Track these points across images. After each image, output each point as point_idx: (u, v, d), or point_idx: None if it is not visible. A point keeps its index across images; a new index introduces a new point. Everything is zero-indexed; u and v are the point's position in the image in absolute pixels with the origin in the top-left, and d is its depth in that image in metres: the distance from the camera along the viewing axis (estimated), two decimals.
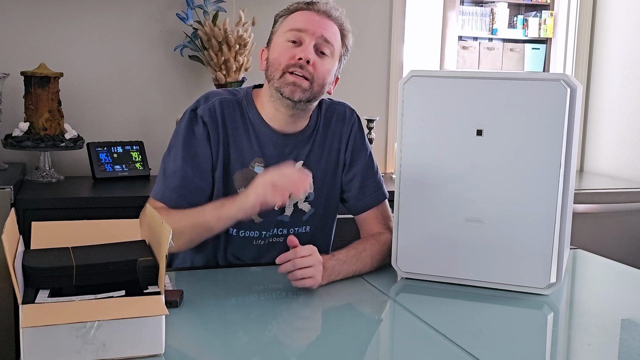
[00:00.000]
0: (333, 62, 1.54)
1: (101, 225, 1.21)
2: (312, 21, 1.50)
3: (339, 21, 1.55)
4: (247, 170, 1.55)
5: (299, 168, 1.44)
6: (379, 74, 2.98)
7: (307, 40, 1.49)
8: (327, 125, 1.62)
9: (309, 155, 1.60)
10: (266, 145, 1.56)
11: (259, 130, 1.56)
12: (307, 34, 1.49)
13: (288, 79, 1.49)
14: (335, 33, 1.54)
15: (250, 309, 1.31)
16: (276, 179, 1.34)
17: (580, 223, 2.55)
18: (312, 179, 1.59)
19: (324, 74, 1.51)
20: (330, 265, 1.42)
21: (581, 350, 1.19)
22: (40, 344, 0.97)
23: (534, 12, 5.09)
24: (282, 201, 1.34)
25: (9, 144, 2.29)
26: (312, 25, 1.50)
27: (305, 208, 1.62)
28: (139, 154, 2.53)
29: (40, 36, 2.52)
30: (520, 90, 1.34)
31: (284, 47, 1.51)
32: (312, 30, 1.50)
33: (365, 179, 1.63)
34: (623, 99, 3.13)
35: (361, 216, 1.64)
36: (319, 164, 1.61)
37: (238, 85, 2.56)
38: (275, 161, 1.54)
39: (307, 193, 1.58)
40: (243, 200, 1.39)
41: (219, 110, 1.54)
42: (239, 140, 1.55)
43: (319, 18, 1.51)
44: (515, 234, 1.38)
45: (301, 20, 1.51)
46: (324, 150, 1.61)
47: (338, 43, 1.54)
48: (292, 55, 1.49)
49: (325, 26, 1.51)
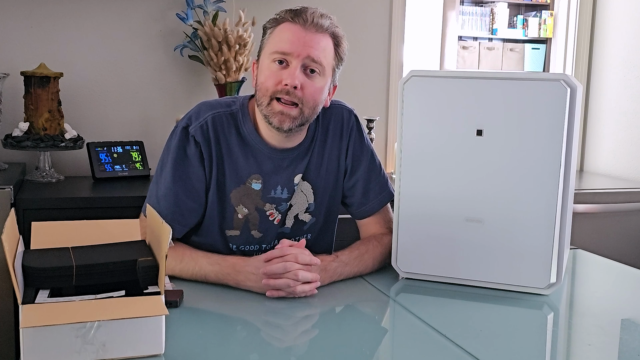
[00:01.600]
0: (324, 79, 1.46)
1: (101, 225, 1.21)
2: (298, 41, 1.41)
3: (330, 30, 1.46)
4: (244, 187, 1.51)
5: (299, 252, 1.35)
6: (379, 74, 2.98)
7: (293, 63, 1.41)
8: (325, 133, 1.57)
9: (307, 167, 1.56)
10: (263, 161, 1.52)
11: (255, 146, 1.51)
12: (292, 56, 1.41)
13: (275, 108, 1.43)
14: (325, 48, 1.45)
15: (250, 309, 1.31)
16: (268, 274, 1.32)
17: (580, 223, 2.55)
18: (312, 189, 1.57)
19: (314, 95, 1.44)
20: (332, 266, 1.42)
21: (581, 350, 1.19)
22: (40, 344, 0.97)
23: (534, 12, 5.09)
24: (279, 294, 1.33)
25: (9, 144, 2.29)
26: (297, 47, 1.41)
27: (306, 219, 1.59)
28: (138, 154, 2.53)
29: (40, 36, 2.52)
30: (520, 90, 1.34)
31: (270, 70, 1.43)
32: (298, 52, 1.41)
33: (368, 182, 1.60)
34: (623, 99, 3.13)
35: (363, 220, 1.62)
36: (318, 174, 1.57)
37: (238, 86, 2.56)
38: (273, 176, 1.52)
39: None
40: (241, 282, 1.37)
41: (212, 127, 1.48)
42: (234, 157, 1.50)
43: (306, 35, 1.42)
44: (515, 234, 1.38)
45: (287, 40, 1.42)
46: (323, 160, 1.57)
47: (329, 57, 1.46)
48: (278, 80, 1.42)
49: (312, 44, 1.42)
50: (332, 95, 1.54)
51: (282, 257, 1.33)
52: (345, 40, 1.50)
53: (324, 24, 1.44)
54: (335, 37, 1.47)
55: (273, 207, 1.54)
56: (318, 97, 1.46)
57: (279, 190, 1.53)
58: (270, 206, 1.54)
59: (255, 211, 1.53)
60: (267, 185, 1.52)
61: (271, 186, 1.53)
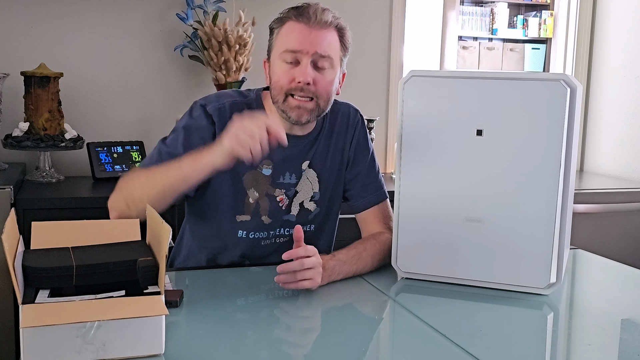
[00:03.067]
0: (334, 71, 1.52)
1: (101, 225, 1.21)
2: (305, 39, 1.47)
3: (334, 24, 1.51)
4: (255, 172, 1.56)
5: (272, 121, 1.34)
6: (379, 74, 2.98)
7: (304, 60, 1.47)
8: (332, 125, 1.63)
9: (314, 155, 1.61)
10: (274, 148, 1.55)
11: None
12: (301, 54, 1.47)
13: (292, 103, 1.49)
14: (331, 42, 1.50)
15: (250, 309, 1.31)
16: (239, 131, 1.30)
17: (580, 223, 2.55)
18: (317, 178, 1.61)
19: (327, 87, 1.51)
20: (330, 265, 1.42)
21: (581, 350, 1.19)
22: (40, 344, 0.97)
23: (534, 12, 5.09)
24: (247, 157, 1.30)
25: (9, 144, 2.29)
26: (305, 45, 1.46)
27: (311, 207, 1.62)
28: (139, 154, 2.53)
29: (40, 36, 2.52)
30: (520, 90, 1.34)
31: (282, 70, 1.49)
32: (306, 50, 1.46)
33: (367, 177, 1.65)
34: (623, 99, 3.13)
35: (362, 215, 1.65)
36: (324, 163, 1.62)
37: (238, 86, 2.56)
38: (283, 163, 1.56)
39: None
40: (218, 147, 1.36)
41: (229, 111, 1.52)
42: None
43: (311, 32, 1.47)
44: (515, 234, 1.38)
45: (294, 39, 1.47)
46: (329, 150, 1.63)
47: (336, 50, 1.51)
48: (291, 78, 1.48)
49: (319, 40, 1.47)
50: (342, 82, 1.60)
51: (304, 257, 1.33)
52: (348, 30, 1.55)
53: (327, 19, 1.49)
54: (340, 29, 1.52)
55: (282, 192, 1.58)
56: (330, 89, 1.52)
57: (287, 176, 1.58)
58: (280, 191, 1.58)
59: (265, 196, 1.57)
60: (276, 171, 1.57)
61: (280, 172, 1.57)
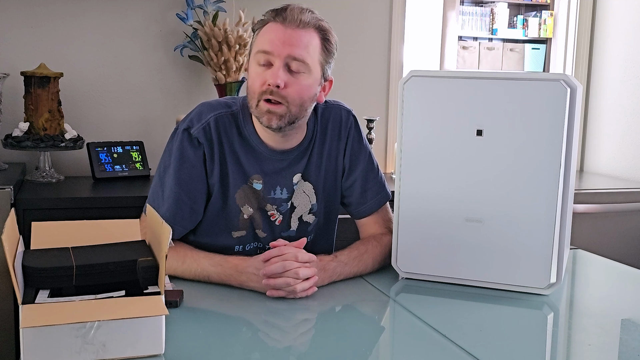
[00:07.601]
0: (310, 76, 1.43)
1: (101, 225, 1.21)
2: (279, 40, 1.40)
3: (313, 24, 1.43)
4: (247, 187, 1.52)
5: (298, 252, 1.35)
6: (379, 74, 2.98)
7: (276, 63, 1.40)
8: (323, 133, 1.57)
9: (307, 166, 1.56)
10: (264, 162, 1.52)
11: (256, 147, 1.51)
12: (273, 55, 1.40)
13: (262, 108, 1.43)
14: (308, 44, 1.41)
15: (250, 309, 1.31)
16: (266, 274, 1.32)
17: (580, 223, 2.55)
18: (313, 190, 1.58)
19: (300, 93, 1.42)
20: (331, 266, 1.42)
21: (581, 350, 1.19)
22: (40, 344, 0.97)
23: (534, 12, 5.09)
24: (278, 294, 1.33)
25: (9, 144, 2.29)
26: (278, 46, 1.40)
27: (310, 219, 1.60)
28: (139, 154, 2.53)
29: (40, 36, 2.52)
30: (520, 90, 1.34)
31: (256, 72, 1.43)
32: (278, 51, 1.39)
33: (366, 182, 1.60)
34: (623, 99, 3.13)
35: (362, 220, 1.62)
36: (318, 173, 1.58)
37: (238, 86, 2.56)
38: (273, 177, 1.53)
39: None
40: (244, 282, 1.37)
41: (214, 128, 1.48)
42: (236, 157, 1.50)
43: (287, 33, 1.40)
44: (515, 234, 1.38)
45: (268, 40, 1.41)
46: (322, 159, 1.57)
47: (314, 53, 1.43)
48: (262, 81, 1.41)
49: (293, 41, 1.40)
50: (328, 90, 1.53)
51: (280, 257, 1.33)
52: (333, 33, 1.47)
53: (305, 18, 1.42)
54: (322, 30, 1.44)
55: (274, 208, 1.55)
56: (304, 95, 1.44)
57: (278, 191, 1.54)
58: (272, 207, 1.54)
59: (258, 211, 1.54)
60: (267, 186, 1.53)
61: (271, 187, 1.53)
